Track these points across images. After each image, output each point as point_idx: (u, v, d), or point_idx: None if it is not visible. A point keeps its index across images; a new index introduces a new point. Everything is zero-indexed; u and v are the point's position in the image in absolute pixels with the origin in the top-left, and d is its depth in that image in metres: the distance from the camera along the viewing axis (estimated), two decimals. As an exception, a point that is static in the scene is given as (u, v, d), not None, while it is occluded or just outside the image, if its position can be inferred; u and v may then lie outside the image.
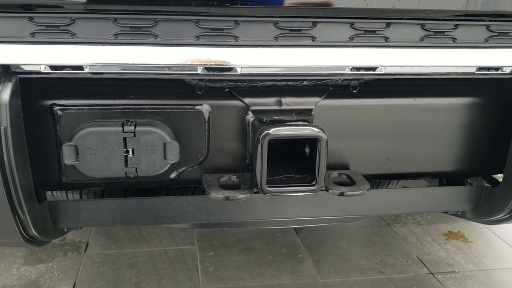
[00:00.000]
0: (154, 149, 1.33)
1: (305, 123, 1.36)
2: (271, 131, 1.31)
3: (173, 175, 1.45)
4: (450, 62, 1.35)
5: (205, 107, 1.40)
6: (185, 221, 1.48)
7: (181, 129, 1.40)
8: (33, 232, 1.33)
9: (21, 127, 1.24)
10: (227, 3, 1.21)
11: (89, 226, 1.61)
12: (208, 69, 1.26)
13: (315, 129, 1.33)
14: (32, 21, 1.16)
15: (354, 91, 1.48)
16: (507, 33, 1.34)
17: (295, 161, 1.48)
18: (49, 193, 1.77)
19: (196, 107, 1.40)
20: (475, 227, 2.87)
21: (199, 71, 1.26)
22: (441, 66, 1.36)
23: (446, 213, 1.71)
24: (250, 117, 1.42)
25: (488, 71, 1.40)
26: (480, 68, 1.39)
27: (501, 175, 1.59)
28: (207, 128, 1.42)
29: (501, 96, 1.55)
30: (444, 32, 1.32)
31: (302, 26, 1.26)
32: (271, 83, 1.42)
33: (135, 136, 1.31)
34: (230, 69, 1.27)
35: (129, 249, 2.53)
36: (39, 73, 1.23)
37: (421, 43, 1.32)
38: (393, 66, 1.34)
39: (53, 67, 1.21)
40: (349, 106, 1.48)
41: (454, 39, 1.33)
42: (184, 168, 1.45)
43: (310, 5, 1.24)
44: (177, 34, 1.22)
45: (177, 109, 1.38)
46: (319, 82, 1.45)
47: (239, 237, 2.66)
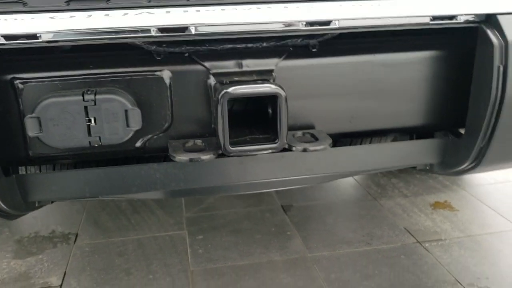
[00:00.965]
0: (116, 117, 1.35)
1: (263, 81, 1.38)
2: (230, 90, 1.33)
3: (138, 144, 1.46)
4: (402, 13, 1.35)
5: (165, 73, 1.42)
6: (154, 189, 1.49)
7: (143, 96, 1.41)
8: (2, 205, 1.35)
9: None
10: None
11: (59, 199, 1.62)
12: (161, 30, 1.27)
13: (273, 86, 1.34)
14: (-19, -9, 1.18)
15: (313, 49, 1.49)
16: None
17: (260, 124, 1.49)
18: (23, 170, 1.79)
19: (156, 73, 1.41)
20: (462, 196, 2.87)
21: (153, 33, 1.27)
22: (394, 17, 1.37)
23: (414, 168, 1.72)
24: (211, 80, 1.44)
25: (442, 20, 1.40)
26: (433, 17, 1.39)
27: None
28: (169, 94, 1.43)
29: (459, 47, 1.56)
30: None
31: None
32: (231, 45, 1.44)
33: (95, 104, 1.33)
34: (184, 29, 1.28)
35: (118, 237, 2.54)
36: None
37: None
38: (347, 19, 1.35)
39: (7, 37, 1.22)
40: (309, 65, 1.50)
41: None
42: (149, 136, 1.46)
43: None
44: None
45: (136, 76, 1.40)
46: (278, 43, 1.46)
47: (228, 219, 2.67)
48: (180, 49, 1.41)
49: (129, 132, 1.38)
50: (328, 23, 1.35)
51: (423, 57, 1.55)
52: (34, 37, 1.24)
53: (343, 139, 1.84)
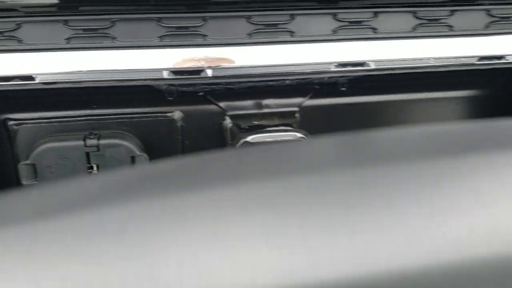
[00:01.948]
0: (121, 164, 1.20)
1: (287, 128, 1.23)
2: (249, 138, 1.18)
3: (145, 192, 1.31)
4: (446, 53, 1.20)
5: (177, 114, 1.27)
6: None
7: (152, 140, 1.26)
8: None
9: None
10: (192, -2, 1.08)
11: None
12: (175, 73, 1.12)
13: (298, 135, 1.19)
14: (-29, 28, 1.03)
15: (342, 88, 1.34)
16: (509, 17, 1.19)
17: None
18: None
19: (167, 114, 1.26)
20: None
21: (165, 76, 1.12)
22: (437, 58, 1.21)
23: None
24: (228, 123, 1.29)
25: (490, 60, 1.25)
26: (481, 58, 1.24)
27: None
28: (180, 137, 1.29)
29: (505, 87, 1.41)
30: (438, 19, 1.18)
31: (278, 20, 1.13)
32: (250, 84, 1.28)
33: (99, 150, 1.18)
34: (199, 72, 1.13)
35: None
36: None
37: (413, 33, 1.18)
38: (383, 60, 1.19)
39: (-1, 79, 1.08)
40: (338, 105, 1.34)
41: (450, 27, 1.19)
42: (158, 183, 1.32)
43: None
44: (137, 35, 1.09)
45: (145, 117, 1.25)
46: (303, 81, 1.31)
47: None
48: (194, 88, 1.26)
49: (136, 180, 1.23)
50: (361, 64, 1.19)
51: (463, 96, 1.40)
52: (29, 78, 1.09)
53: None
